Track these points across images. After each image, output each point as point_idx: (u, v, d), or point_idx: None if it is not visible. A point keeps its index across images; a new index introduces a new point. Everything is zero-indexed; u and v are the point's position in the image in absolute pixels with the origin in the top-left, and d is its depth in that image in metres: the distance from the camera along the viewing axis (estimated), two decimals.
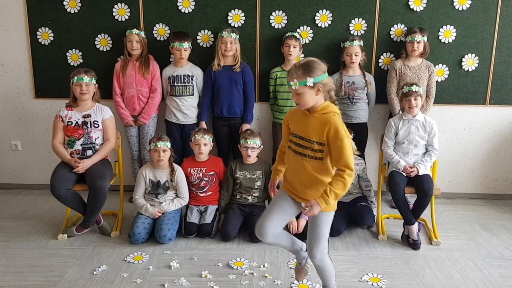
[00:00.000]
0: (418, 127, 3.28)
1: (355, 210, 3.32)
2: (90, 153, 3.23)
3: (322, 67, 2.13)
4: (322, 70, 2.12)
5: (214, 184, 3.43)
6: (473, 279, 2.77)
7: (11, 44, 3.92)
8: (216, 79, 3.66)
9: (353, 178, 2.10)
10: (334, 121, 2.09)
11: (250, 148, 3.32)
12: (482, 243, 3.25)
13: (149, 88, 3.70)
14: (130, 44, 3.61)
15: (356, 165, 3.36)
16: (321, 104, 2.15)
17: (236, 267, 2.86)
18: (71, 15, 3.81)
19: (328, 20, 3.77)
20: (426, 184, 3.12)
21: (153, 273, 2.80)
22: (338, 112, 2.14)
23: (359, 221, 3.29)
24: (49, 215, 3.63)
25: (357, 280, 2.75)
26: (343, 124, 2.11)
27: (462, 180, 4.10)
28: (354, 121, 3.65)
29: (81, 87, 3.19)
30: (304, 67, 2.10)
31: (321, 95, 2.13)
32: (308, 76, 2.08)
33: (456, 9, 3.72)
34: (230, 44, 3.58)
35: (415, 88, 3.21)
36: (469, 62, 3.81)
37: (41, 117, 4.04)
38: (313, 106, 2.15)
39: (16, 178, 4.24)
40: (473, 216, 3.73)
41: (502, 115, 3.95)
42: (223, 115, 3.70)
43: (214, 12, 3.78)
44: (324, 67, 2.14)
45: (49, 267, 2.85)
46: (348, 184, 2.09)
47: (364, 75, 3.68)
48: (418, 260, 2.99)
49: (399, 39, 3.78)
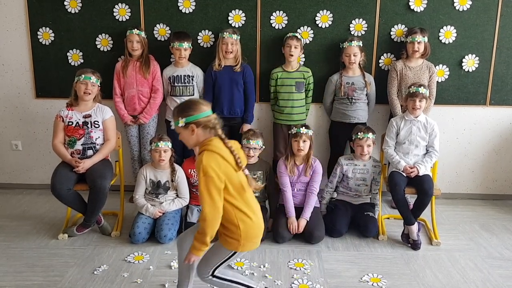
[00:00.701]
0: (420, 128, 3.28)
1: (360, 217, 3.31)
2: (90, 153, 3.23)
3: (197, 107, 2.12)
4: (197, 110, 2.11)
5: None
6: (473, 280, 2.77)
7: (11, 44, 3.92)
8: (217, 79, 3.66)
9: (212, 221, 2.03)
10: (202, 158, 2.03)
11: (252, 148, 3.33)
12: (482, 243, 3.25)
13: (149, 88, 3.70)
14: (131, 44, 3.61)
15: (374, 167, 3.37)
16: (203, 142, 2.13)
17: (236, 267, 2.87)
18: (71, 15, 3.81)
19: (328, 20, 3.77)
20: (426, 184, 3.13)
21: (154, 273, 2.81)
22: (213, 149, 2.06)
23: (363, 230, 3.28)
24: (49, 215, 3.64)
25: (357, 281, 2.75)
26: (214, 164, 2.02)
27: (462, 181, 4.10)
28: (353, 121, 3.66)
29: (86, 86, 3.19)
30: (179, 108, 2.16)
31: (200, 133, 2.11)
32: (180, 116, 2.11)
33: (456, 10, 3.72)
34: (231, 45, 3.59)
35: (422, 90, 3.21)
36: (469, 62, 3.82)
37: (42, 117, 4.05)
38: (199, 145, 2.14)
39: (16, 178, 4.24)
40: (473, 216, 3.74)
41: (503, 115, 3.95)
42: (224, 115, 3.70)
43: (215, 12, 3.78)
44: (201, 107, 2.12)
45: (50, 267, 2.85)
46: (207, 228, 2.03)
47: (364, 75, 3.68)
48: (418, 260, 3.00)
49: (399, 40, 3.78)
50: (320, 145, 3.98)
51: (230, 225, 2.12)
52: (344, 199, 3.47)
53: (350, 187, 3.44)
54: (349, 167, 3.40)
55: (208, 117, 2.12)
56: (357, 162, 3.39)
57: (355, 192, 3.44)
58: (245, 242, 2.14)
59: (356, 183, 3.41)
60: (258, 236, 2.21)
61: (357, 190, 3.43)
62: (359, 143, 3.33)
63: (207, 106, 2.15)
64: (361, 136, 3.32)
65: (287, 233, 3.18)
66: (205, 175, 2.01)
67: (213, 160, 2.03)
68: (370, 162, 3.40)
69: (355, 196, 3.46)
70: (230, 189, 2.09)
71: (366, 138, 3.30)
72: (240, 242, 2.12)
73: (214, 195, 2.02)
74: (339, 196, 3.52)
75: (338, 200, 3.49)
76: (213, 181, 2.01)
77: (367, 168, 3.39)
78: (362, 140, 3.31)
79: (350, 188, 3.44)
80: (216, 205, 2.03)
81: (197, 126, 2.10)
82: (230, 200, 2.09)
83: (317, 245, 3.17)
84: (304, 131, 3.23)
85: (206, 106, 2.15)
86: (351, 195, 3.46)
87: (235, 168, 2.10)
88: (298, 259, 2.97)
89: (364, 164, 3.39)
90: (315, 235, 3.15)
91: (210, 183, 2.01)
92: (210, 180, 2.01)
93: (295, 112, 3.72)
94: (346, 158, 3.44)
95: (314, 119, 3.98)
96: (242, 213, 2.11)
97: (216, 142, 2.10)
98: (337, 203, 3.45)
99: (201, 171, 2.02)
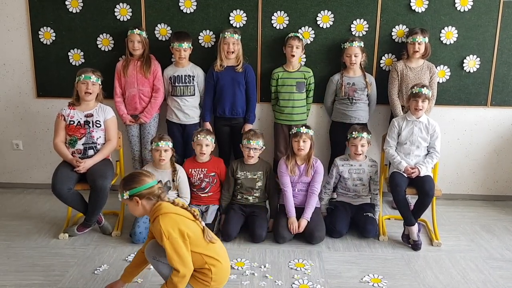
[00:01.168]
0: (421, 128, 3.28)
1: (359, 218, 3.31)
2: (91, 152, 3.23)
3: (140, 179, 2.21)
4: (139, 183, 2.20)
5: (215, 185, 3.43)
6: (474, 281, 2.77)
7: (13, 43, 3.92)
8: (219, 79, 3.66)
9: (184, 278, 2.13)
10: (158, 223, 2.12)
11: (253, 149, 3.32)
12: (483, 244, 3.25)
13: (150, 87, 3.70)
14: (132, 44, 3.61)
15: (370, 167, 3.37)
16: (151, 210, 2.21)
17: (237, 267, 2.87)
18: (73, 14, 3.82)
19: (329, 20, 3.77)
20: (427, 185, 3.12)
21: (154, 273, 2.79)
22: (165, 211, 2.16)
23: (362, 231, 3.28)
24: (50, 215, 3.64)
25: (357, 281, 2.74)
26: (172, 224, 2.12)
27: (463, 181, 4.10)
28: (353, 121, 3.65)
29: (87, 85, 3.19)
30: (123, 181, 2.24)
31: (145, 204, 2.21)
32: (124, 190, 2.20)
33: (457, 10, 3.72)
34: (232, 45, 3.58)
35: (425, 91, 3.20)
36: (470, 63, 3.81)
37: (43, 117, 4.05)
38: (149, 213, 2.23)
39: (17, 178, 4.24)
40: (474, 217, 3.73)
41: (504, 116, 3.95)
42: (226, 115, 3.70)
43: (216, 13, 3.78)
44: (143, 179, 2.21)
45: (50, 267, 2.85)
46: (179, 284, 2.12)
47: (365, 76, 3.68)
48: (419, 261, 2.99)
49: (400, 40, 3.78)
50: (320, 146, 3.98)
51: (202, 270, 2.21)
52: (344, 200, 3.47)
53: (348, 188, 3.43)
54: (345, 167, 3.40)
55: (151, 188, 2.21)
56: (353, 162, 3.39)
57: (354, 193, 3.44)
58: (215, 284, 2.23)
59: (354, 184, 3.41)
60: (226, 279, 2.32)
61: (355, 191, 3.43)
62: (353, 143, 3.34)
63: (150, 178, 2.24)
64: (355, 135, 3.32)
65: (288, 233, 3.18)
66: (168, 238, 2.09)
67: (169, 221, 2.13)
68: (366, 162, 3.40)
69: (354, 197, 3.45)
70: (194, 239, 2.17)
71: (360, 137, 3.30)
72: (210, 284, 2.21)
73: (182, 253, 2.11)
74: (339, 197, 3.52)
75: (338, 201, 3.49)
76: (177, 241, 2.10)
77: (363, 168, 3.38)
78: (356, 140, 3.31)
79: (349, 188, 3.44)
80: (185, 261, 2.12)
81: (141, 198, 2.20)
82: (197, 250, 2.18)
83: (318, 245, 3.17)
84: (304, 130, 3.23)
85: (148, 178, 2.23)
86: (351, 195, 3.46)
87: (192, 220, 2.20)
88: (298, 260, 2.97)
89: (360, 164, 3.39)
90: (316, 236, 3.15)
91: (175, 244, 2.10)
92: (175, 241, 2.10)
93: (296, 112, 3.71)
94: (342, 159, 3.44)
95: (315, 119, 3.97)
96: (211, 258, 2.21)
97: (165, 204, 2.20)
98: (337, 204, 3.45)
99: (163, 236, 2.09)
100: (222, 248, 2.34)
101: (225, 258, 2.32)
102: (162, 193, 2.24)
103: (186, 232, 2.14)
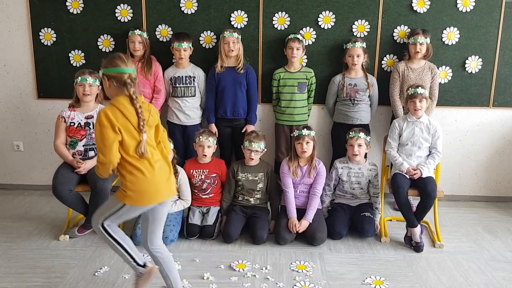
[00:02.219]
0: (422, 129, 3.27)
1: (357, 218, 3.29)
2: (92, 154, 3.22)
3: (114, 62, 2.18)
4: (112, 64, 2.17)
5: (216, 186, 3.42)
6: (477, 282, 2.75)
7: (13, 44, 3.92)
8: (220, 80, 3.65)
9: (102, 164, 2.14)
10: (101, 110, 2.14)
11: (254, 151, 3.31)
12: (485, 245, 3.24)
13: (151, 88, 3.69)
14: (133, 45, 3.61)
15: (369, 171, 3.36)
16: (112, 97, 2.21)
17: (238, 269, 2.85)
18: (73, 15, 3.81)
19: (331, 21, 3.76)
20: (429, 186, 3.11)
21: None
22: (115, 104, 2.14)
23: (360, 232, 3.26)
24: (51, 216, 3.63)
25: (359, 283, 2.73)
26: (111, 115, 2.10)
27: (465, 183, 4.09)
28: (355, 122, 3.64)
29: (84, 87, 3.19)
30: (105, 59, 2.22)
31: (113, 87, 2.18)
32: (101, 66, 2.20)
33: (459, 11, 3.71)
34: (232, 43, 3.57)
35: (421, 90, 3.20)
36: (472, 64, 3.80)
37: (43, 118, 4.04)
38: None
39: (18, 179, 4.23)
40: (476, 218, 3.72)
41: (506, 117, 3.93)
42: (227, 116, 3.69)
43: (217, 13, 3.77)
44: (117, 62, 2.17)
45: (51, 268, 2.84)
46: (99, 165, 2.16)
47: (367, 77, 3.67)
48: (421, 262, 2.98)
49: (402, 41, 3.77)
50: (322, 147, 3.97)
51: (120, 176, 2.20)
52: (342, 202, 3.45)
53: (346, 190, 3.42)
54: (344, 170, 3.38)
55: (120, 73, 2.16)
56: (352, 165, 3.38)
57: (351, 195, 3.42)
58: (132, 194, 2.17)
59: (351, 187, 3.39)
60: (149, 192, 2.21)
61: (352, 194, 3.41)
62: (350, 143, 3.32)
63: (124, 64, 2.18)
64: (352, 135, 3.31)
65: (289, 235, 3.17)
66: (99, 124, 2.10)
67: (110, 111, 2.11)
68: (365, 166, 3.38)
69: (352, 198, 3.44)
70: (127, 144, 2.14)
71: (356, 137, 3.29)
72: (126, 193, 2.17)
73: (108, 144, 2.10)
74: (337, 199, 3.50)
75: (336, 203, 3.47)
76: (106, 131, 2.09)
77: (362, 172, 3.36)
78: (353, 139, 3.29)
79: (346, 191, 3.42)
80: (106, 152, 2.11)
81: (109, 79, 2.17)
82: (123, 155, 2.15)
83: (319, 247, 3.16)
84: (306, 132, 3.22)
85: (123, 63, 2.18)
86: (348, 197, 3.44)
87: (136, 128, 2.15)
88: (300, 261, 2.96)
89: (359, 168, 3.37)
90: (317, 237, 3.13)
91: (104, 133, 2.10)
92: (104, 130, 2.09)
93: (297, 112, 3.70)
94: (341, 161, 3.42)
95: (316, 120, 3.96)
96: (133, 167, 2.17)
97: (122, 99, 2.16)
98: (335, 205, 3.44)
99: (97, 121, 2.12)
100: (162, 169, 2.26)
101: (158, 175, 2.22)
102: (130, 83, 2.16)
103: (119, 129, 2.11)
